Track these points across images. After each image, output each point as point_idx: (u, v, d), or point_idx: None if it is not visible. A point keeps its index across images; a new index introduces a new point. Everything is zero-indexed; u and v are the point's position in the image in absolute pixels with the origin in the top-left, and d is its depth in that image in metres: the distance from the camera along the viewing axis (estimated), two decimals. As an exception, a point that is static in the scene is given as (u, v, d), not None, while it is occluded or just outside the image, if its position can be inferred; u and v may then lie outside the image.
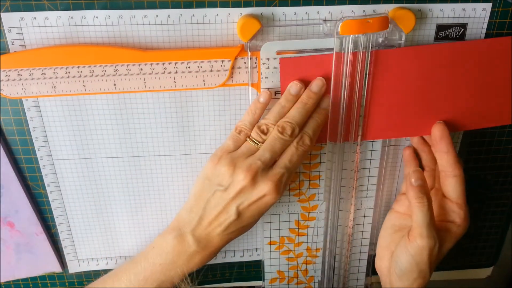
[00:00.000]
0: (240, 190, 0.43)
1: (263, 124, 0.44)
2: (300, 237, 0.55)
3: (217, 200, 0.44)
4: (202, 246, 0.45)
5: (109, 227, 0.53)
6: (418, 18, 0.45)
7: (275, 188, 0.43)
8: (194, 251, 0.46)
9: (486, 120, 0.49)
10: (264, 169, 0.43)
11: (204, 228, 0.45)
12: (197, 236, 0.45)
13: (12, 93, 0.44)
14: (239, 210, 0.44)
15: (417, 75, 0.45)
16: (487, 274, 0.63)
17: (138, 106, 0.47)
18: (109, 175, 0.50)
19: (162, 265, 0.46)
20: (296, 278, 0.57)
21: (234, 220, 0.44)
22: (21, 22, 0.42)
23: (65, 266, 0.55)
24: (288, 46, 0.44)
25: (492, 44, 0.45)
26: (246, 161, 0.43)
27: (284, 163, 0.44)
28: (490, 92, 0.47)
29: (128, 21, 0.43)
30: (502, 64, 0.46)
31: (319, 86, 0.44)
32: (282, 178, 0.43)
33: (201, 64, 0.44)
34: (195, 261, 0.46)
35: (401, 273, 0.48)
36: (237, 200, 0.43)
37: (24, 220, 0.51)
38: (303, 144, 0.44)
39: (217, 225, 0.44)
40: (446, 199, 0.48)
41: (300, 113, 0.44)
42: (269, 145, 0.43)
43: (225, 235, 0.45)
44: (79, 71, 0.43)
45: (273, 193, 0.43)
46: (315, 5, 0.43)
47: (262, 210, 0.44)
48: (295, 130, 0.43)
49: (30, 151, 0.48)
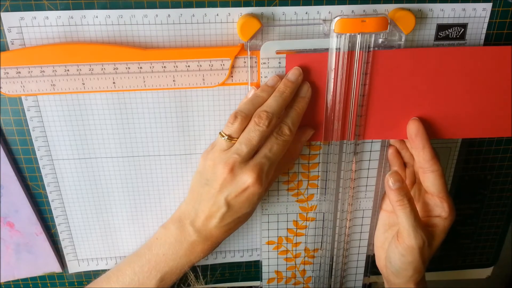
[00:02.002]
0: (222, 183, 0.43)
1: (234, 112, 0.44)
2: (298, 237, 0.55)
3: (207, 194, 0.45)
4: (202, 237, 0.46)
5: (109, 227, 0.53)
6: (418, 18, 0.45)
7: (257, 178, 0.43)
8: (195, 241, 0.46)
9: (486, 129, 0.49)
10: (242, 161, 0.43)
11: (201, 220, 0.46)
12: (197, 227, 0.46)
13: (11, 90, 0.44)
14: (228, 201, 0.44)
15: (415, 78, 0.45)
16: (487, 274, 0.63)
17: (138, 105, 0.47)
18: (109, 175, 0.50)
19: (165, 255, 0.47)
20: (294, 278, 0.57)
21: (226, 211, 0.44)
22: (21, 21, 0.42)
23: (65, 266, 0.55)
24: (288, 46, 0.44)
25: (492, 52, 0.45)
26: (223, 155, 0.43)
27: (264, 153, 0.43)
28: (489, 101, 0.47)
29: (128, 21, 0.43)
30: (502, 73, 0.46)
31: (296, 75, 0.44)
32: (263, 168, 0.43)
33: (200, 63, 0.44)
34: (197, 251, 0.47)
35: (396, 272, 0.49)
36: (223, 192, 0.44)
37: (24, 220, 0.51)
38: (282, 134, 0.44)
39: (212, 217, 0.45)
40: (428, 194, 0.48)
41: (277, 101, 0.43)
42: (245, 138, 0.43)
43: (222, 227, 0.46)
44: (78, 69, 0.43)
45: (256, 183, 0.43)
46: (315, 5, 0.43)
47: (251, 200, 0.44)
48: (272, 120, 0.43)
49: (29, 151, 0.48)
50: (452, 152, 0.53)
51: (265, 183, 0.44)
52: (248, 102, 0.44)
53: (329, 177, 0.51)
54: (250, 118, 0.43)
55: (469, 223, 0.59)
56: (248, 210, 0.45)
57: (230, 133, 0.43)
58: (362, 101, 0.46)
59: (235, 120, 0.43)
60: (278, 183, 0.51)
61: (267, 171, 0.44)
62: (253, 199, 0.44)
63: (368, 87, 0.45)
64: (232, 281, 0.59)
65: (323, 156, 0.50)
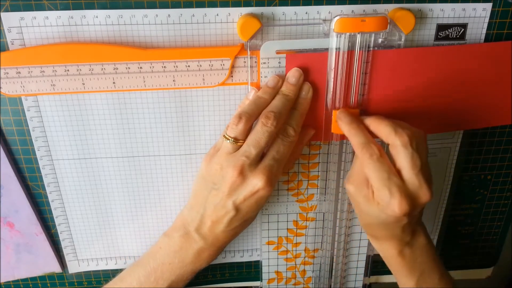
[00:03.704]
0: (231, 187, 0.43)
1: (238, 113, 0.43)
2: (298, 238, 0.55)
3: (214, 198, 0.44)
4: (209, 243, 0.46)
5: (109, 227, 0.53)
6: (418, 18, 0.45)
7: (267, 181, 0.42)
8: (201, 248, 0.46)
9: (486, 120, 0.49)
10: (251, 164, 0.42)
11: (208, 226, 0.45)
12: (203, 233, 0.46)
13: (11, 90, 0.44)
14: (236, 205, 0.43)
15: (416, 76, 0.45)
16: (487, 274, 0.63)
17: (138, 105, 0.46)
18: (109, 175, 0.50)
19: (172, 264, 0.46)
20: (294, 278, 0.57)
21: (234, 215, 0.44)
22: (21, 21, 0.42)
23: (65, 266, 0.55)
24: (288, 46, 0.44)
25: (492, 48, 0.45)
26: (231, 158, 0.43)
27: (272, 155, 0.43)
28: (489, 93, 0.47)
29: (128, 21, 0.43)
30: (502, 66, 0.46)
31: (297, 77, 0.44)
32: (272, 169, 0.43)
33: (200, 63, 0.44)
34: (203, 257, 0.46)
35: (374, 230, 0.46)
36: (232, 196, 0.43)
37: (23, 220, 0.51)
38: (288, 135, 0.43)
39: (219, 222, 0.44)
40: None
41: (283, 103, 0.43)
42: (253, 140, 0.42)
43: (229, 231, 0.45)
44: (78, 69, 0.43)
45: (266, 186, 0.42)
46: (315, 4, 0.43)
47: (260, 203, 0.44)
48: (280, 120, 0.42)
49: (29, 151, 0.48)
50: (452, 152, 0.53)
51: (274, 184, 0.44)
52: (252, 104, 0.43)
53: (329, 177, 0.51)
54: (254, 119, 0.43)
55: (469, 223, 0.59)
56: (255, 213, 0.45)
57: (235, 135, 0.42)
58: (364, 100, 0.46)
59: (239, 121, 0.42)
60: (278, 183, 0.51)
61: (276, 173, 0.43)
62: (261, 202, 0.44)
63: (368, 86, 0.45)
64: (232, 281, 0.59)
65: (323, 156, 0.50)
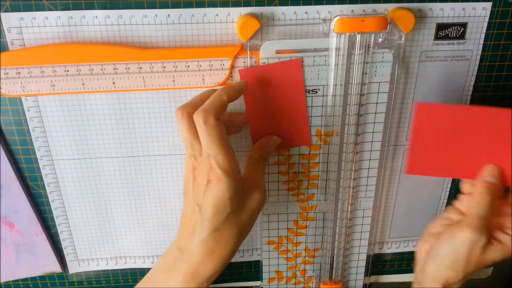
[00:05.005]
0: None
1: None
2: (298, 237, 0.55)
3: (186, 211, 0.43)
4: (203, 253, 0.42)
5: (109, 227, 0.53)
6: (418, 17, 0.45)
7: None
8: (199, 261, 0.42)
9: None
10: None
11: (185, 238, 0.43)
12: (187, 246, 0.43)
13: (11, 91, 0.44)
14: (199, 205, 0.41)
15: None
16: (487, 274, 0.63)
17: (138, 105, 0.47)
18: (109, 175, 0.50)
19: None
20: (294, 278, 0.57)
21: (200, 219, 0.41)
22: (21, 22, 0.42)
23: (65, 266, 0.55)
24: (288, 46, 0.44)
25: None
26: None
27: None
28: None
29: (128, 21, 0.43)
30: None
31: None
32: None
33: (200, 63, 0.44)
34: (206, 269, 0.43)
35: (436, 257, 0.46)
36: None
37: (24, 220, 0.51)
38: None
39: (192, 232, 0.42)
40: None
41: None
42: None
43: (202, 241, 0.42)
44: (78, 69, 0.44)
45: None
46: (314, 4, 0.43)
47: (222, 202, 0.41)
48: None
49: (29, 151, 0.48)
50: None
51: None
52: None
53: (329, 177, 0.51)
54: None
55: (469, 223, 0.59)
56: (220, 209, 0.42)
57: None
58: (363, 100, 0.46)
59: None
60: (279, 183, 0.51)
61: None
62: (222, 197, 0.41)
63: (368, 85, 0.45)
64: (232, 281, 0.59)
65: (323, 156, 0.50)
